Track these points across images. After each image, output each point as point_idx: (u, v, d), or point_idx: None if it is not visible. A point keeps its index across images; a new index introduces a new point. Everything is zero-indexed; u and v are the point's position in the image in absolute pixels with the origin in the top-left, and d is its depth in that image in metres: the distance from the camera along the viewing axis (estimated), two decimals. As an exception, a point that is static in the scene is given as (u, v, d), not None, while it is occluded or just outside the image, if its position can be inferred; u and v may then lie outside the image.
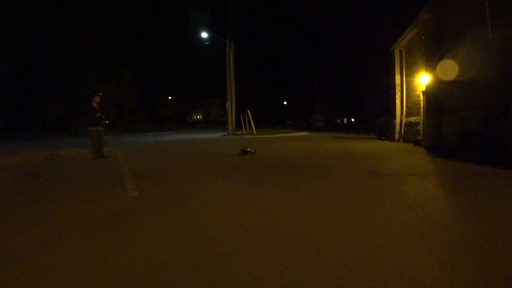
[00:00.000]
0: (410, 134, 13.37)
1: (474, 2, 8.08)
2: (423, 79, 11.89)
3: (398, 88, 14.97)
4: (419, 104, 12.64)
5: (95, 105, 9.05)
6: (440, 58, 10.30)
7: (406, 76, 14.50)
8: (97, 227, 2.78)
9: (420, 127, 12.25)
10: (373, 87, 27.45)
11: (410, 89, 14.01)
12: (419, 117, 12.53)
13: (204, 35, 23.78)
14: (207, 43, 25.15)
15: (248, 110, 19.72)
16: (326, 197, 3.74)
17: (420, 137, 11.94)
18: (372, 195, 3.78)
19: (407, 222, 2.71)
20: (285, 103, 53.48)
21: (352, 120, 46.72)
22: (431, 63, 11.06)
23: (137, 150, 10.94)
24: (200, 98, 52.54)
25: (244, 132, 19.66)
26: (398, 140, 14.15)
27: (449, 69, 9.57)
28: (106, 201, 3.76)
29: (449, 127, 9.62)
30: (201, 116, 55.03)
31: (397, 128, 14.66)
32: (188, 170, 6.06)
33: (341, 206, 3.30)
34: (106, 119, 9.63)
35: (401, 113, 14.67)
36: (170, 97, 51.12)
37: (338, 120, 46.22)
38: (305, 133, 22.04)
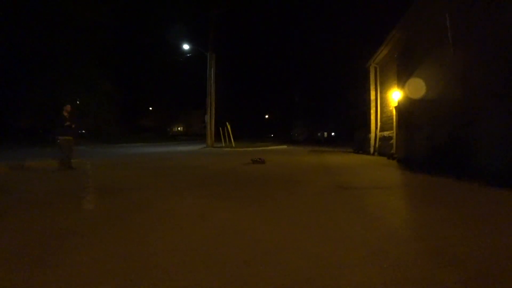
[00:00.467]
0: (384, 148, 13.69)
1: (439, 24, 8.50)
2: (395, 95, 12.30)
3: (373, 104, 15.41)
4: (392, 119, 13.02)
5: (65, 114, 8.76)
6: (410, 75, 10.71)
7: (381, 92, 14.98)
8: (37, 243, 2.55)
9: (393, 141, 12.57)
10: (352, 102, 28.17)
11: (384, 104, 14.45)
12: (392, 131, 12.87)
13: (186, 47, 23.80)
14: (188, 55, 25.17)
15: (227, 123, 19.65)
16: (286, 212, 3.65)
17: (393, 151, 12.23)
18: (334, 209, 3.73)
19: (365, 238, 2.65)
20: (266, 116, 53.93)
21: (332, 134, 47.64)
22: (402, 80, 11.48)
23: (110, 162, 10.55)
24: (181, 110, 52.06)
25: (223, 145, 19.53)
26: (373, 154, 14.45)
27: (418, 85, 9.94)
28: (56, 216, 3.50)
29: (419, 142, 9.90)
30: (182, 128, 54.40)
31: (372, 142, 15.00)
32: (156, 184, 5.85)
33: (299, 221, 3.22)
34: (78, 129, 9.28)
35: (376, 127, 15.05)
36: (150, 108, 50.38)
37: (319, 134, 46.99)
38: (285, 146, 22.16)
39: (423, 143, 9.54)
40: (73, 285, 1.84)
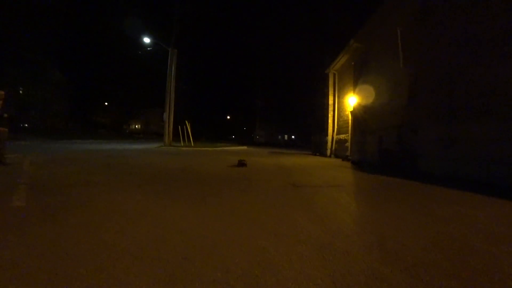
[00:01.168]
0: (340, 151, 14.25)
1: (392, 37, 9.06)
2: (351, 101, 12.88)
3: (331, 108, 16.00)
4: (348, 123, 13.61)
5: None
6: (364, 82, 11.28)
7: (338, 97, 15.61)
8: None
9: (348, 144, 13.14)
10: (311, 106, 29.10)
11: (341, 109, 15.07)
12: (347, 134, 13.45)
13: (146, 40, 22.78)
14: (149, 49, 24.08)
15: (186, 122, 19.09)
16: (236, 209, 3.53)
17: (348, 153, 12.77)
18: (285, 206, 3.69)
19: (311, 233, 2.62)
20: (228, 117, 53.64)
21: (293, 137, 48.75)
22: (357, 86, 12.05)
23: (54, 158, 9.60)
24: (140, 107, 49.66)
25: (182, 144, 18.92)
26: (330, 156, 14.98)
27: (370, 93, 10.52)
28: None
29: (371, 145, 10.43)
30: (139, 126, 51.94)
31: (329, 144, 15.56)
32: (101, 181, 5.38)
33: (248, 218, 3.11)
34: (10, 119, 8.28)
35: (333, 131, 15.64)
36: (106, 103, 47.49)
37: (279, 137, 47.79)
38: (245, 147, 22.12)
39: (375, 146, 10.06)
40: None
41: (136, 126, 51.92)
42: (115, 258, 1.97)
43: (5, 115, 7.97)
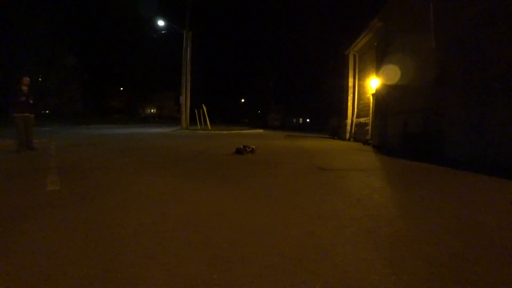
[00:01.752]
0: (359, 134, 13.96)
1: (421, 13, 8.56)
2: (373, 83, 12.45)
3: (350, 91, 15.55)
4: (369, 106, 13.24)
5: (24, 88, 7.83)
6: (388, 63, 10.83)
7: (358, 79, 15.13)
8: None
9: (369, 128, 12.82)
10: (328, 89, 28.46)
11: (362, 92, 14.64)
12: (368, 118, 13.11)
13: (161, 23, 22.51)
14: (163, 32, 23.90)
15: (203, 105, 19.08)
16: (268, 191, 3.49)
17: (368, 137, 12.49)
18: (318, 189, 3.64)
19: (354, 217, 2.56)
20: (242, 100, 53.33)
21: (308, 120, 48.15)
22: (380, 68, 11.60)
23: (76, 143, 9.82)
24: (154, 91, 49.92)
25: (198, 127, 19.00)
26: (349, 140, 14.72)
27: (394, 74, 10.09)
28: (18, 195, 3.11)
29: (394, 128, 10.13)
30: (154, 110, 52.41)
31: (348, 128, 15.25)
32: (128, 164, 5.45)
33: (284, 201, 3.07)
34: (37, 105, 8.41)
35: (352, 114, 15.28)
36: (121, 88, 47.90)
37: (294, 120, 47.28)
38: (261, 130, 22.01)
39: (398, 130, 9.77)
40: (35, 270, 1.56)
41: (152, 111, 52.39)
42: (160, 242, 1.96)
43: (31, 101, 8.09)
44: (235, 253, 1.80)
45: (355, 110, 15.22)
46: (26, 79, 8.09)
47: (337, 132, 17.04)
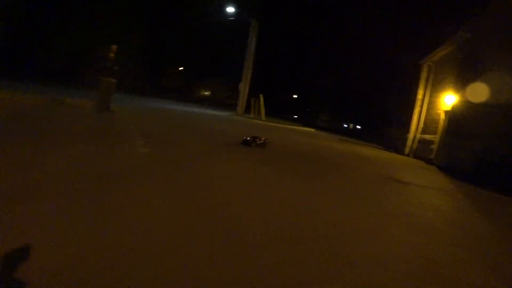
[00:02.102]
0: (421, 151, 13.06)
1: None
2: (448, 99, 11.49)
3: (418, 103, 14.55)
4: (438, 122, 12.27)
5: (111, 55, 8.55)
6: (473, 80, 9.88)
7: (430, 92, 14.08)
8: (112, 176, 2.44)
9: (435, 146, 11.92)
10: (388, 98, 26.98)
11: (431, 106, 13.62)
12: (435, 136, 12.18)
13: (230, 9, 22.95)
14: (231, 18, 24.30)
15: (261, 95, 19.23)
16: (353, 194, 3.39)
17: (432, 156, 11.63)
18: (404, 202, 3.45)
19: (455, 237, 2.38)
20: (295, 96, 52.78)
21: (358, 127, 46.34)
22: (461, 83, 10.64)
23: (144, 112, 10.55)
24: (209, 75, 51.50)
25: (252, 115, 19.23)
26: (408, 155, 13.86)
27: (479, 92, 9.19)
28: (118, 153, 3.41)
29: (468, 152, 9.28)
30: (208, 93, 54.13)
31: (409, 142, 14.34)
32: (197, 141, 5.70)
33: (373, 207, 2.97)
34: (118, 72, 9.08)
35: (416, 128, 14.31)
36: (181, 68, 50.09)
37: (345, 125, 45.82)
38: (312, 130, 21.65)
39: (474, 154, 8.93)
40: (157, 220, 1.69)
41: (205, 93, 54.16)
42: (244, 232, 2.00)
43: (115, 67, 8.79)
44: (326, 250, 1.77)
45: (420, 125, 14.22)
46: (114, 47, 8.80)
47: (394, 145, 16.14)
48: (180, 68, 51.52)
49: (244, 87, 18.93)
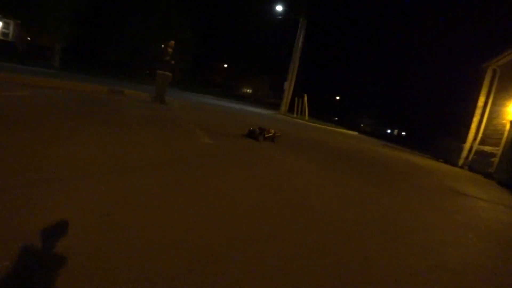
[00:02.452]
0: (478, 164, 12.04)
1: None
2: (517, 108, 10.47)
3: (478, 111, 13.42)
4: (502, 134, 11.23)
5: (169, 50, 8.97)
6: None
7: (493, 100, 12.90)
8: (188, 160, 2.60)
9: (496, 159, 10.93)
10: (440, 104, 25.20)
11: (494, 115, 12.49)
12: (497, 148, 11.17)
13: (279, 8, 22.94)
14: (279, 17, 24.28)
15: (305, 95, 19.03)
16: (424, 204, 3.24)
17: (492, 170, 10.68)
18: (477, 216, 3.21)
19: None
20: (337, 98, 51.44)
21: (403, 133, 43.92)
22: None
23: (192, 105, 10.95)
24: (252, 73, 51.97)
25: (295, 115, 19.10)
26: (462, 167, 12.85)
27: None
28: (184, 143, 3.61)
29: (538, 168, 8.39)
30: (250, 90, 54.73)
31: (464, 153, 13.28)
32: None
33: (448, 218, 2.80)
34: (174, 66, 9.48)
35: (474, 138, 13.22)
36: (226, 65, 51.23)
37: (388, 130, 43.69)
38: (355, 133, 20.93)
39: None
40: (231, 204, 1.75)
41: (247, 91, 54.83)
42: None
43: (172, 61, 9.20)
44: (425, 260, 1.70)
45: (479, 135, 13.09)
46: (172, 42, 9.24)
47: (445, 155, 15.05)
48: (224, 65, 52.70)
49: (289, 86, 18.86)
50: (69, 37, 20.35)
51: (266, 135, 5.30)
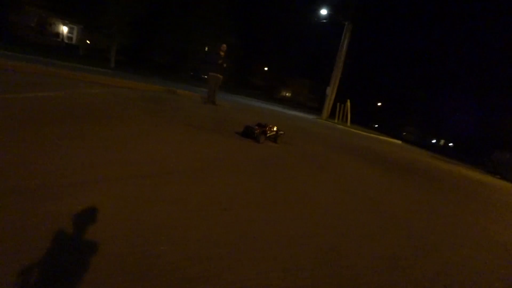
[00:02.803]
0: (544, 183, 10.99)
1: None
2: None
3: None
4: None
5: (222, 53, 9.30)
6: None
7: None
8: (258, 162, 2.77)
9: None
10: (500, 115, 23.34)
11: None
12: None
13: (323, 12, 22.69)
14: (324, 21, 24.02)
15: (348, 100, 18.66)
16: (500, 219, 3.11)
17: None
18: None
19: None
20: (379, 104, 49.50)
21: (450, 144, 41.15)
22: None
23: (240, 107, 11.26)
24: (292, 76, 51.93)
25: (336, 121, 18.78)
26: (523, 184, 11.81)
27: None
28: (254, 145, 3.83)
29: None
30: (289, 94, 54.70)
31: (528, 171, 12.20)
32: (308, 141, 5.88)
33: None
34: (226, 69, 9.79)
35: (540, 155, 12.10)
36: (266, 68, 51.75)
37: (433, 140, 41.20)
38: (399, 142, 20.06)
39: None
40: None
41: (287, 94, 54.86)
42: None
43: (225, 65, 9.54)
44: None
45: (546, 151, 11.97)
46: (224, 46, 9.56)
47: (502, 170, 13.89)
48: (265, 68, 53.23)
49: (331, 91, 18.61)
50: (125, 40, 21.92)
51: (268, 134, 4.47)
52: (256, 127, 4.30)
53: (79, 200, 1.44)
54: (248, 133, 4.30)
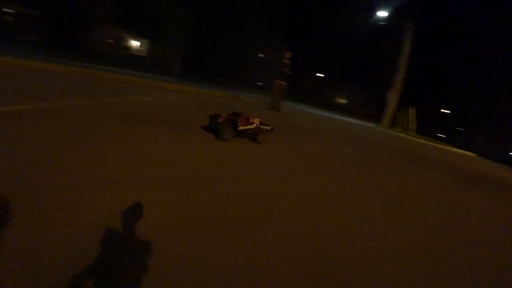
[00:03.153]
0: None
1: None
2: None
3: None
4: None
5: (286, 61, 9.43)
6: None
7: None
8: (345, 165, 2.75)
9: None
10: None
11: None
12: None
13: (382, 13, 21.60)
14: (383, 23, 22.88)
15: (410, 108, 17.45)
16: None
17: None
18: None
19: None
20: (446, 112, 45.23)
21: (534, 157, 35.67)
22: None
23: (300, 114, 11.24)
24: (346, 81, 50.37)
25: (398, 129, 17.62)
26: None
27: None
28: (331, 150, 3.87)
29: None
30: (344, 100, 53.13)
31: None
32: (373, 147, 5.65)
33: None
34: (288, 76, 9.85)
35: None
36: (322, 75, 51.14)
37: (511, 152, 36.08)
38: (473, 154, 17.91)
39: None
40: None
41: (341, 100, 53.44)
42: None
43: (289, 72, 9.62)
44: None
45: None
46: (288, 54, 9.67)
47: None
48: (317, 74, 52.53)
49: (393, 98, 17.55)
50: (185, 51, 23.64)
51: (242, 128, 3.28)
52: (224, 115, 3.22)
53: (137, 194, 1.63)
54: (211, 124, 3.24)
